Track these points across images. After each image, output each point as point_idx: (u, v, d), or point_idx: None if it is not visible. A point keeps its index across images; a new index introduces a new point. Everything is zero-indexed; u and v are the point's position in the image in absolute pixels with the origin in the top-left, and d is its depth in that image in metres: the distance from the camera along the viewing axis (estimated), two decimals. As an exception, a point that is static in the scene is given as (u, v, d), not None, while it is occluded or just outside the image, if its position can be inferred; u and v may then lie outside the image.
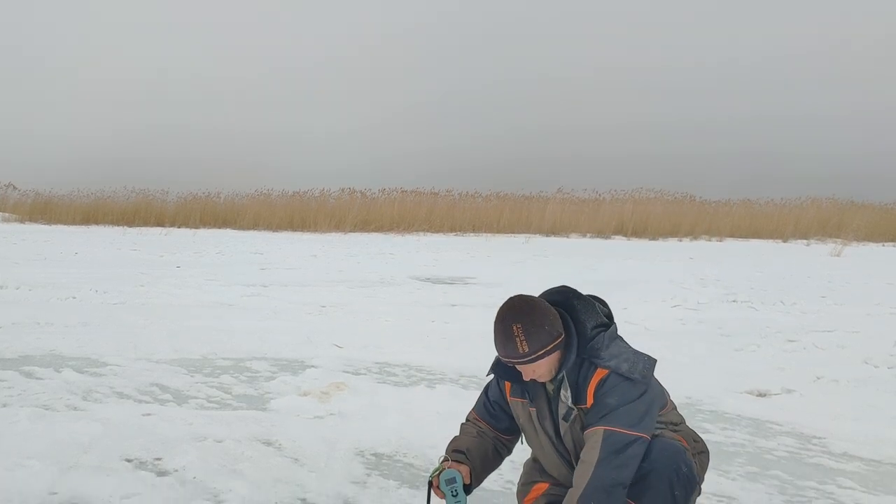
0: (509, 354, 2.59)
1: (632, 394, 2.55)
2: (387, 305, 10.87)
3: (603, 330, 2.67)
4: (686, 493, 2.54)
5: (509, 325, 2.57)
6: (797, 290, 14.42)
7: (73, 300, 10.65)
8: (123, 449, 4.27)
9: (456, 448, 2.91)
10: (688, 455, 2.62)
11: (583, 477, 2.49)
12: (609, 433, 2.51)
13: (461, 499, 2.67)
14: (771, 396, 6.29)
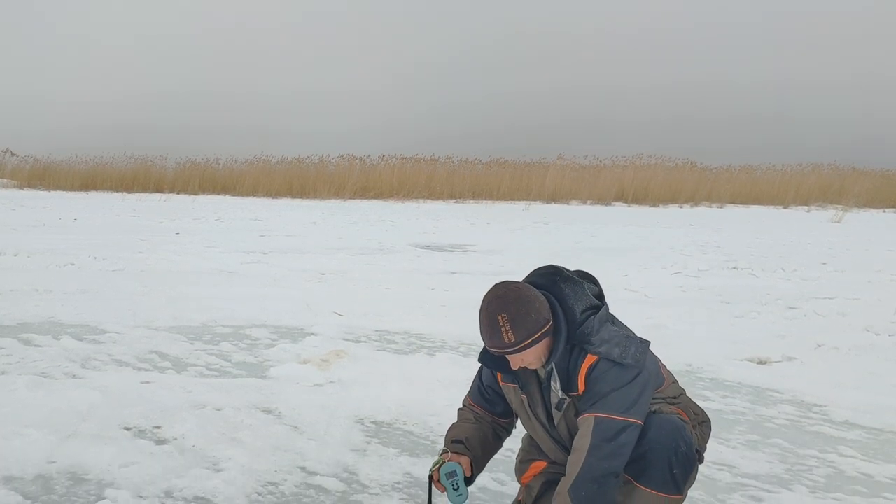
0: (496, 345, 2.51)
1: (623, 379, 2.47)
2: (386, 273, 10.84)
3: (593, 313, 2.57)
4: (685, 472, 2.49)
5: (494, 315, 2.47)
6: (798, 257, 14.39)
7: (72, 267, 10.61)
8: (122, 417, 4.25)
9: (455, 438, 2.82)
10: (687, 431, 2.55)
11: (574, 466, 2.44)
12: (600, 420, 2.44)
13: (462, 491, 2.63)
14: (771, 364, 6.28)
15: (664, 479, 2.46)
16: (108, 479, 3.42)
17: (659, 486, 2.47)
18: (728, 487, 3.64)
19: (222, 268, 10.92)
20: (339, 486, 3.48)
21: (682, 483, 2.50)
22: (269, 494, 3.37)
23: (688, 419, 2.65)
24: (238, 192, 29.09)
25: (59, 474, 3.47)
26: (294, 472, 3.62)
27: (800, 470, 3.91)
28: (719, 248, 15.97)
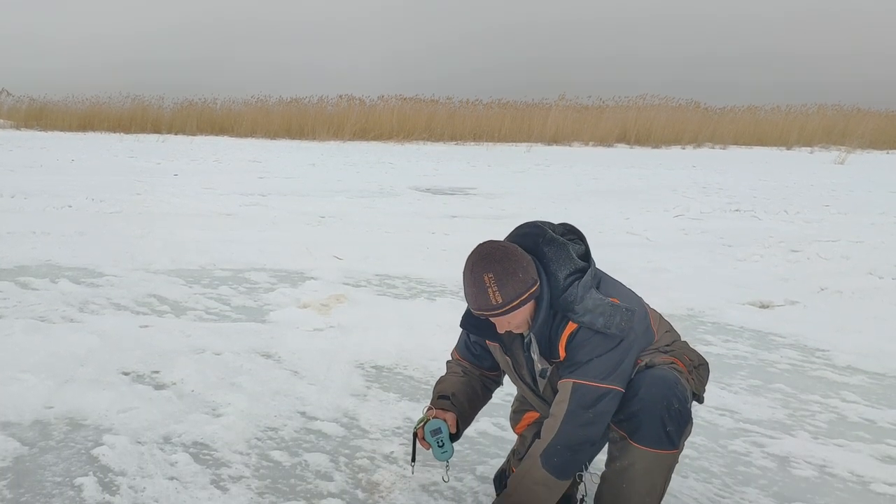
0: (481, 306, 2.36)
1: (604, 346, 2.37)
2: (386, 216, 10.75)
3: (577, 278, 2.41)
4: (679, 428, 2.42)
5: (480, 275, 2.33)
6: (800, 199, 14.29)
7: (70, 209, 10.53)
8: (120, 361, 4.22)
9: (441, 393, 2.73)
10: (680, 386, 2.44)
11: (549, 431, 2.37)
12: (578, 386, 2.36)
13: (447, 448, 2.58)
14: (774, 308, 6.24)
15: (658, 437, 2.38)
16: (106, 425, 3.39)
17: (653, 443, 2.39)
18: (730, 433, 3.62)
19: (221, 210, 10.83)
20: (340, 431, 3.46)
21: (677, 439, 2.42)
22: (269, 440, 3.35)
23: (683, 366, 2.56)
24: (236, 133, 28.85)
25: (57, 420, 3.44)
26: (294, 418, 3.60)
27: (802, 415, 3.89)
28: (722, 189, 15.85)
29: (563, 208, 12.26)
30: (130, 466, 3.00)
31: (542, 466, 2.35)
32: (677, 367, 2.52)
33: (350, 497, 2.86)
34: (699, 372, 2.62)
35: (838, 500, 2.96)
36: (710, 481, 3.10)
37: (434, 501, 2.84)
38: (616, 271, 7.43)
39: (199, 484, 2.89)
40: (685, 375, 2.53)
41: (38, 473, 2.93)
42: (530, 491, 2.37)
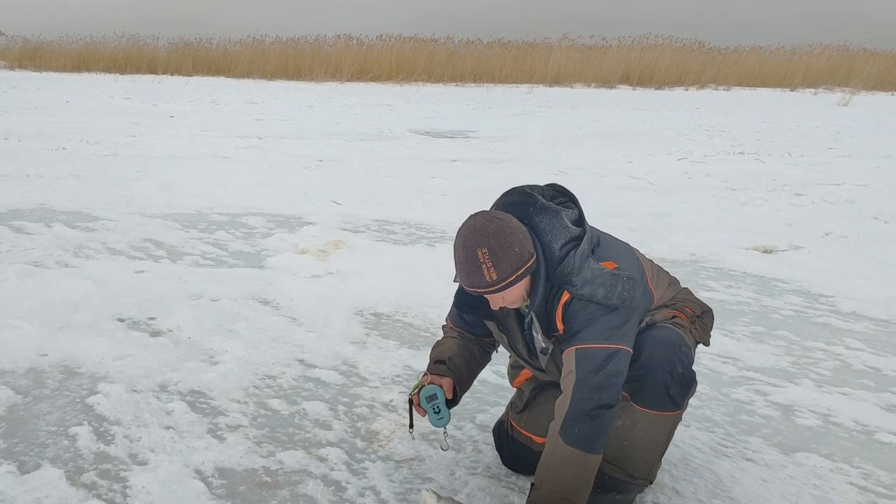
0: (475, 284, 2.20)
1: (602, 310, 2.23)
2: (385, 160, 10.61)
3: (573, 247, 2.25)
4: (683, 391, 2.34)
5: (473, 251, 2.16)
6: (805, 142, 14.13)
7: (64, 151, 10.39)
8: (116, 308, 4.16)
9: (437, 358, 2.61)
10: (684, 347, 2.35)
11: (562, 407, 2.21)
12: (583, 351, 2.21)
13: (444, 414, 2.50)
14: (778, 253, 6.17)
15: (661, 400, 2.31)
16: (101, 373, 3.34)
17: (656, 406, 2.32)
18: (732, 381, 3.58)
19: (217, 153, 10.68)
20: (339, 379, 3.42)
21: (681, 400, 2.35)
22: (267, 388, 3.30)
23: (685, 318, 2.48)
24: (232, 74, 28.44)
25: (52, 367, 3.39)
26: (292, 365, 3.55)
27: (806, 363, 3.85)
28: (725, 132, 15.66)
29: (565, 152, 12.10)
30: (126, 415, 2.96)
31: (566, 443, 2.17)
32: (679, 320, 2.44)
33: (349, 446, 2.83)
34: (703, 321, 2.54)
35: (842, 449, 2.92)
36: (712, 430, 3.07)
37: (434, 450, 2.81)
38: (618, 216, 7.36)
39: (196, 433, 2.86)
40: (688, 328, 2.44)
41: (32, 423, 2.89)
42: (560, 475, 2.17)
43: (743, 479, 2.67)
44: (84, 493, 2.41)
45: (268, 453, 2.74)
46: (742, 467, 2.76)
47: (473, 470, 2.69)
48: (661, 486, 2.61)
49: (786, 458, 2.84)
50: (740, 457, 2.84)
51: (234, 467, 2.64)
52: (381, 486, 2.55)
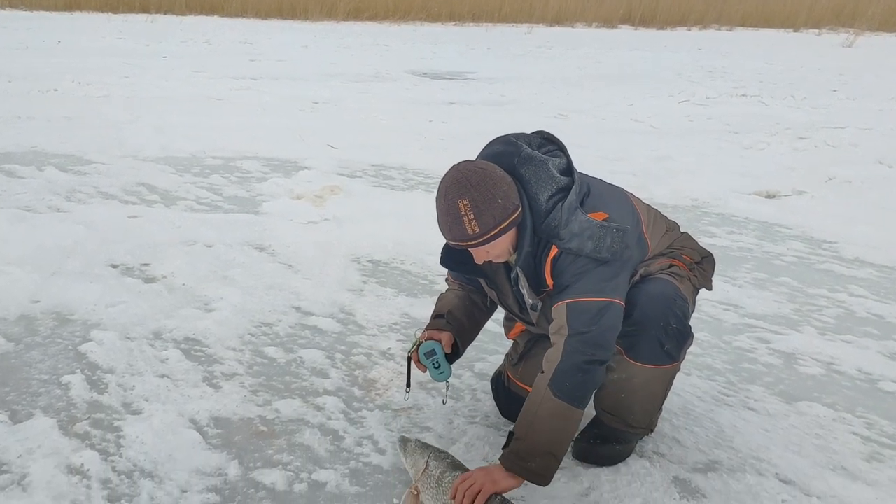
0: (457, 237, 2.10)
1: (592, 263, 2.13)
2: (382, 102, 10.42)
3: (561, 199, 2.14)
4: (678, 345, 2.27)
5: (454, 202, 2.06)
6: (808, 84, 13.93)
7: (56, 93, 10.20)
8: (109, 253, 4.09)
9: (437, 312, 2.55)
10: (679, 300, 2.27)
11: (552, 360, 2.13)
12: (573, 305, 2.12)
13: (444, 369, 2.45)
14: (780, 198, 6.09)
15: (655, 355, 2.24)
16: (94, 320, 3.29)
17: (651, 360, 2.26)
18: (734, 328, 3.54)
19: (212, 94, 10.49)
20: (336, 327, 3.37)
21: (676, 353, 2.29)
22: (263, 335, 3.26)
23: (683, 266, 2.40)
24: (226, 13, 27.82)
25: (44, 314, 3.34)
26: (289, 313, 3.50)
27: (809, 310, 3.81)
28: (727, 73, 15.43)
29: (566, 94, 11.91)
30: (119, 363, 2.91)
31: (555, 396, 2.09)
32: (676, 268, 2.36)
33: (346, 395, 2.79)
34: (703, 267, 2.47)
35: (845, 398, 2.90)
36: (713, 379, 3.03)
37: (432, 399, 2.78)
38: (619, 160, 7.26)
39: (191, 381, 2.82)
40: (685, 276, 2.37)
41: (24, 371, 2.84)
42: (546, 428, 2.10)
43: (744, 428, 2.64)
44: (77, 442, 2.37)
45: (264, 402, 2.71)
46: (744, 416, 2.73)
47: (472, 419, 2.66)
48: (661, 435, 2.58)
49: (788, 407, 2.81)
50: (742, 406, 2.81)
51: (229, 416, 2.60)
52: (379, 435, 2.52)
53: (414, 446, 2.24)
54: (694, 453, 2.48)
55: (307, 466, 2.32)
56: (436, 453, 2.19)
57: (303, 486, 2.23)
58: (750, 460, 2.43)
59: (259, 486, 2.22)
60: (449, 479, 2.09)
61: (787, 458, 2.45)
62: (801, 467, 2.39)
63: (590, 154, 6.87)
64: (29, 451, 2.30)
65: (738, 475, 2.34)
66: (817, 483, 2.31)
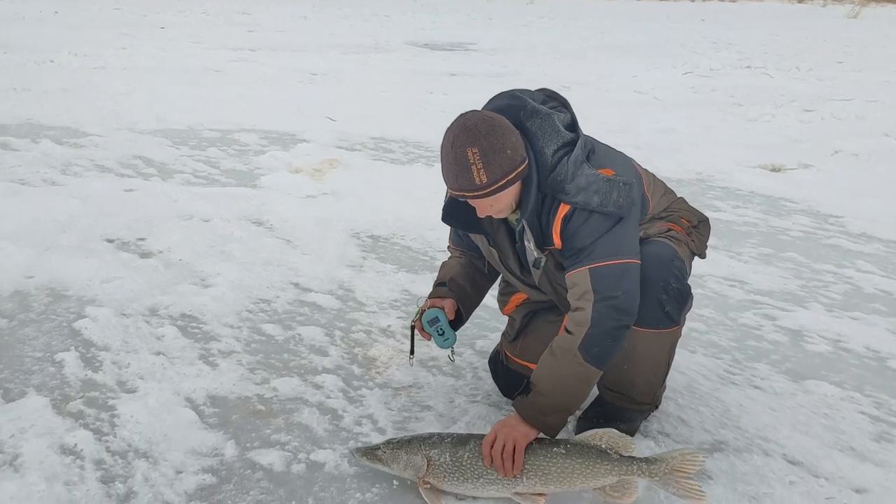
0: (463, 187, 2.04)
1: (605, 224, 2.10)
2: (382, 74, 10.30)
3: (566, 153, 2.11)
4: (678, 306, 2.23)
5: (463, 151, 2.00)
6: (813, 56, 13.79)
7: (52, 64, 10.09)
8: (104, 228, 4.02)
9: (439, 280, 2.51)
10: (678, 261, 2.24)
11: (580, 324, 2.10)
12: (595, 270, 2.09)
13: (449, 336, 2.42)
14: (786, 171, 6.02)
15: (656, 318, 2.21)
16: (90, 296, 3.23)
17: (653, 325, 2.22)
18: (740, 305, 3.49)
19: (209, 66, 10.37)
20: (335, 304, 3.31)
21: (677, 316, 2.25)
22: (261, 312, 3.20)
23: (680, 230, 2.36)
24: (224, -16, 27.47)
25: (38, 290, 3.28)
26: (287, 289, 3.44)
27: (815, 286, 3.75)
28: (732, 45, 15.27)
29: (568, 65, 11.77)
30: (114, 341, 2.86)
31: (584, 360, 2.08)
32: (675, 232, 2.34)
33: (346, 373, 2.74)
34: (699, 231, 2.44)
35: (853, 376, 2.84)
36: (719, 357, 2.98)
37: (433, 377, 2.73)
38: (623, 133, 7.18)
39: (187, 359, 2.76)
40: (683, 240, 2.35)
41: (17, 348, 2.78)
42: (571, 389, 2.12)
43: (751, 407, 2.59)
44: (70, 422, 2.32)
45: (262, 380, 2.66)
46: (750, 395, 2.68)
47: (473, 398, 2.61)
48: (666, 414, 2.53)
49: (795, 385, 2.76)
50: (748, 384, 2.76)
51: (226, 395, 2.55)
52: (379, 415, 2.47)
53: (389, 451, 2.10)
54: (699, 433, 2.43)
55: (305, 446, 2.28)
56: (425, 443, 2.09)
57: (301, 467, 2.18)
58: (757, 440, 2.39)
59: (256, 466, 2.17)
60: (467, 455, 2.02)
61: (795, 438, 2.40)
62: (808, 447, 2.35)
63: (593, 126, 6.74)
64: (21, 431, 2.25)
65: (745, 455, 2.30)
66: (825, 464, 2.26)
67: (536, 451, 2.01)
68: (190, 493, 2.03)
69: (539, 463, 1.99)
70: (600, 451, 2.00)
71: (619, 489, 1.97)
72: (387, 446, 2.11)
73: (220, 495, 2.03)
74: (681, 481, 1.96)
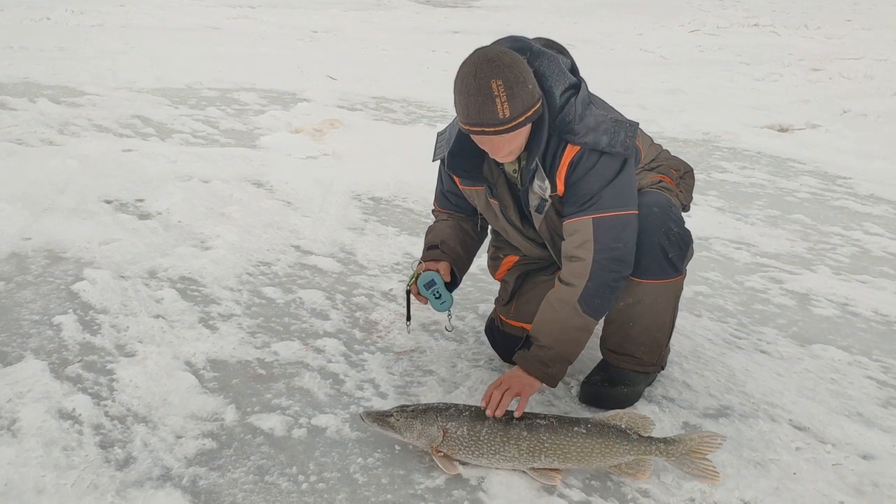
0: (486, 120, 1.96)
1: (612, 170, 2.07)
2: (383, 32, 10.15)
3: (573, 94, 2.09)
4: (681, 252, 2.21)
5: (487, 81, 1.92)
6: (821, 13, 13.56)
7: (48, 21, 9.95)
8: (102, 189, 3.97)
9: (430, 244, 2.48)
10: (675, 208, 2.24)
11: (579, 276, 2.09)
12: (600, 221, 2.07)
13: (446, 298, 2.39)
14: (793, 132, 5.93)
15: (661, 267, 2.19)
16: (88, 258, 3.18)
17: (657, 274, 2.19)
18: (746, 268, 3.44)
19: (208, 23, 10.23)
20: (336, 267, 3.27)
21: (680, 263, 2.23)
22: (262, 275, 3.16)
23: (671, 182, 2.35)
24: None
25: (35, 252, 3.23)
26: (288, 252, 3.40)
27: (823, 249, 3.70)
28: (739, 2, 15.03)
29: (573, 23, 11.59)
30: (113, 303, 2.82)
31: (583, 312, 2.08)
32: (665, 184, 2.32)
33: (347, 337, 2.71)
34: (685, 181, 2.42)
35: (861, 341, 2.81)
36: (725, 320, 2.95)
37: (434, 341, 2.70)
38: (629, 93, 7.08)
39: (187, 322, 2.73)
40: (674, 192, 2.33)
41: (15, 311, 2.75)
42: (571, 340, 2.13)
43: (757, 372, 2.56)
44: (68, 386, 2.29)
45: (262, 344, 2.62)
46: (756, 360, 2.65)
47: (475, 362, 2.58)
48: (670, 379, 2.50)
49: (802, 350, 2.73)
50: (754, 349, 2.73)
51: (226, 359, 2.52)
52: (381, 379, 2.44)
53: (403, 419, 2.05)
54: (705, 398, 2.41)
55: (306, 411, 2.25)
56: (441, 414, 2.06)
57: (302, 432, 2.15)
58: (763, 406, 2.36)
59: (257, 431, 2.15)
60: (485, 431, 1.99)
61: (801, 403, 2.38)
62: (815, 413, 2.32)
63: (598, 86, 6.62)
64: (19, 395, 2.22)
65: (751, 421, 2.27)
66: (832, 429, 2.24)
67: (557, 430, 1.98)
68: (190, 458, 2.01)
69: (560, 441, 1.96)
70: (620, 430, 1.98)
71: (634, 467, 1.96)
72: (400, 414, 2.06)
73: (221, 460, 2.01)
74: (696, 461, 1.94)
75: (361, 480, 1.93)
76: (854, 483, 1.98)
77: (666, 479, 1.97)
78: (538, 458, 1.96)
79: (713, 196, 4.44)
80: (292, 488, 1.89)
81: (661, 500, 1.90)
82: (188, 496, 1.84)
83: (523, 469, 1.98)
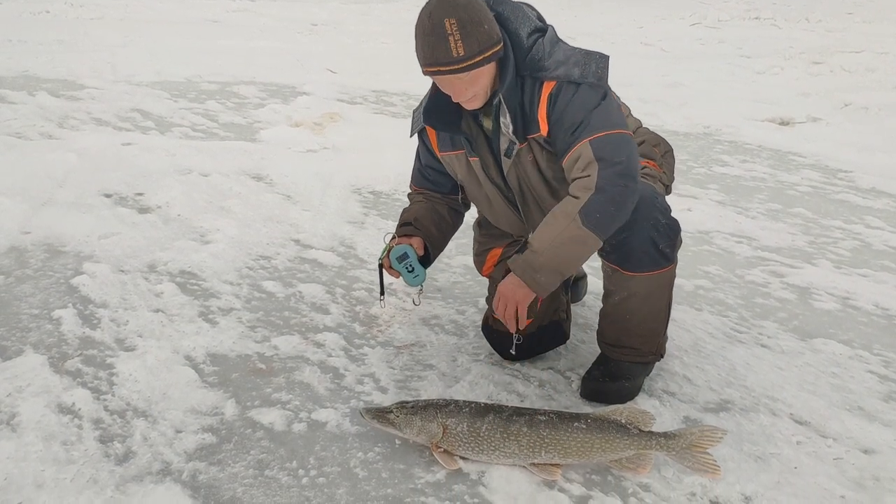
0: (439, 59, 1.99)
1: (593, 99, 2.06)
2: (383, 25, 10.12)
3: (540, 36, 2.11)
4: (671, 242, 2.19)
5: (440, 20, 1.95)
6: (822, 6, 13.51)
7: (47, 14, 9.92)
8: (102, 182, 3.96)
9: (403, 221, 2.50)
10: (660, 197, 2.23)
11: (584, 190, 2.04)
12: (595, 141, 2.04)
13: (418, 272, 2.38)
14: (794, 125, 5.92)
15: (652, 258, 2.18)
16: (87, 252, 3.18)
17: (649, 267, 2.18)
18: (747, 262, 3.44)
19: (207, 17, 10.20)
20: (336, 261, 3.27)
21: (671, 252, 2.22)
22: (261, 269, 3.16)
23: (655, 166, 2.35)
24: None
25: (34, 246, 3.23)
26: (287, 245, 3.40)
27: (824, 242, 3.69)
28: (741, -4, 14.95)
29: (573, 16, 11.56)
30: (112, 297, 2.82)
31: (583, 224, 2.03)
32: (650, 169, 2.33)
33: (347, 331, 2.70)
34: (667, 160, 2.44)
35: (862, 335, 2.81)
36: (725, 314, 2.94)
37: (435, 335, 2.69)
38: (630, 86, 7.04)
39: (187, 317, 2.72)
40: (657, 176, 2.34)
41: (14, 305, 2.74)
42: (565, 250, 2.08)
43: (757, 366, 2.56)
44: (68, 380, 2.29)
45: (262, 338, 2.62)
46: (756, 354, 2.64)
47: (475, 356, 2.57)
48: (671, 373, 2.50)
49: (803, 344, 2.72)
50: (755, 343, 2.73)
51: (226, 353, 2.51)
52: (381, 373, 2.44)
53: (403, 415, 2.05)
54: (705, 392, 2.40)
55: (307, 405, 2.25)
56: (441, 410, 2.05)
57: (302, 426, 2.15)
58: (763, 400, 2.35)
59: (257, 425, 2.14)
60: (486, 427, 1.98)
61: (802, 397, 2.37)
62: (816, 407, 2.32)
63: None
64: (18, 390, 2.22)
65: (752, 415, 2.27)
66: (833, 424, 2.23)
67: (557, 425, 1.97)
68: (190, 452, 2.00)
69: (560, 437, 1.96)
70: (620, 425, 1.97)
71: (635, 461, 1.95)
72: (400, 410, 2.05)
73: (221, 455, 2.00)
74: (697, 456, 1.93)
75: (362, 475, 1.93)
76: (855, 477, 1.98)
77: (666, 474, 1.96)
78: (538, 454, 1.96)
79: (714, 190, 4.43)
80: (292, 483, 1.89)
81: (661, 495, 1.90)
82: (188, 491, 1.83)
83: (524, 465, 1.98)
